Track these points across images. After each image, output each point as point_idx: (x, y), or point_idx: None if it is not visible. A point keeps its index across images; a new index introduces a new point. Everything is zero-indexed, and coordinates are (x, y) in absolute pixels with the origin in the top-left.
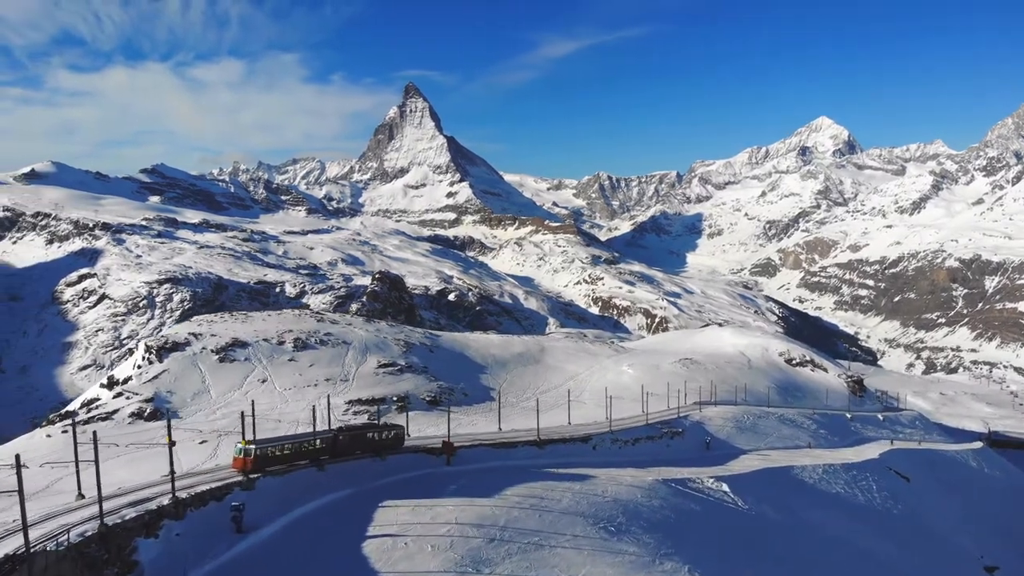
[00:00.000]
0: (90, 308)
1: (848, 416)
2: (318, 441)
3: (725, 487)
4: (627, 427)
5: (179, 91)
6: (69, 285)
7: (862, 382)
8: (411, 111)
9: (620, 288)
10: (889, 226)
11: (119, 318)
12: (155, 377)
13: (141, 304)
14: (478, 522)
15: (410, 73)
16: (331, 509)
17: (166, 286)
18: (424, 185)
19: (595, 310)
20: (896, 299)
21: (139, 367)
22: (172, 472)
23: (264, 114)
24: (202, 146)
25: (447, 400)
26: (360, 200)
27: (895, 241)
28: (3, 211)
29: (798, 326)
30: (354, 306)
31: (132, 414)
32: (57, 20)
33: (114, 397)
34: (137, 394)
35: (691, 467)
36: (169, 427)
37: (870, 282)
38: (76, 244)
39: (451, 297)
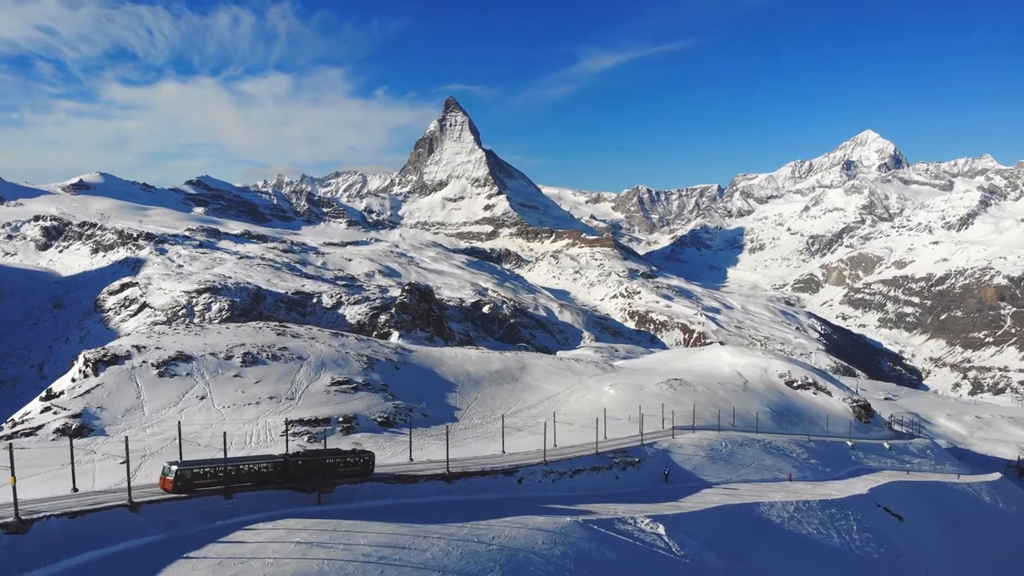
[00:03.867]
0: (131, 316)
1: (849, 444)
2: (264, 465)
3: (661, 529)
4: (570, 457)
5: (228, 105)
6: (111, 293)
7: (869, 407)
8: (451, 125)
9: (657, 303)
10: (936, 242)
11: (158, 327)
12: (87, 392)
13: (180, 313)
14: None
15: (452, 87)
16: (124, 557)
17: (205, 295)
18: (462, 198)
19: (631, 324)
20: (942, 317)
21: (74, 380)
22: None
23: (309, 127)
24: (248, 159)
25: (402, 421)
26: (399, 213)
27: (942, 258)
28: (51, 220)
29: (841, 344)
30: (383, 317)
31: (57, 430)
32: (110, 35)
33: (42, 412)
34: (66, 409)
35: (637, 503)
36: (72, 445)
37: (916, 299)
38: (120, 253)
39: (485, 309)
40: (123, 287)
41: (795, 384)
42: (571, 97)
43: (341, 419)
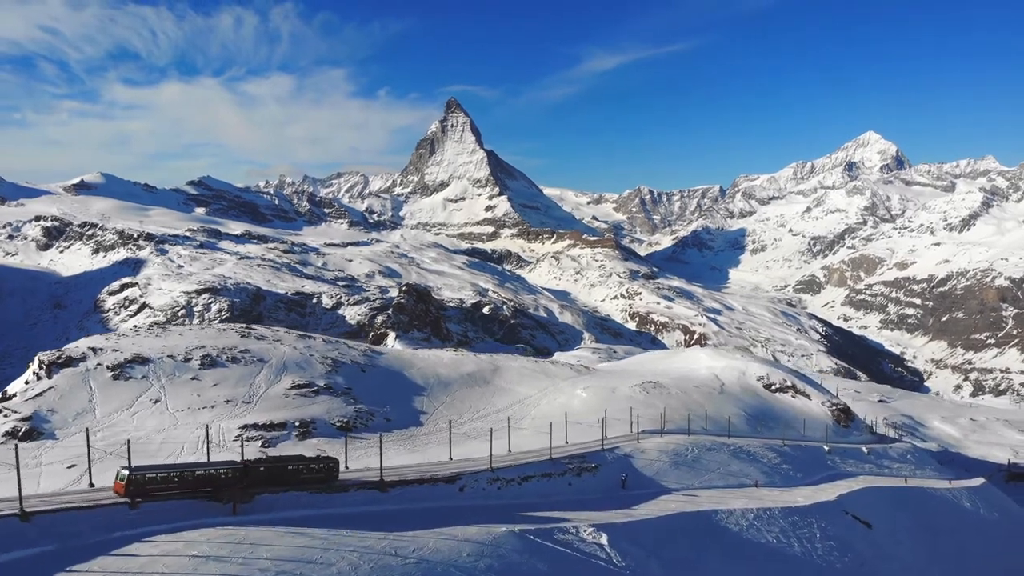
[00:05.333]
0: (131, 316)
1: (825, 448)
2: (223, 471)
3: (604, 538)
4: (521, 463)
5: (230, 105)
6: (111, 294)
7: (848, 410)
8: (452, 126)
9: (658, 304)
10: (937, 243)
11: (158, 327)
12: (40, 394)
13: (180, 313)
14: None
15: (454, 88)
16: (2, 570)
17: (205, 296)
18: (463, 199)
19: (632, 325)
20: (944, 318)
21: (27, 383)
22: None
23: (311, 128)
24: (250, 159)
25: (362, 426)
26: (401, 213)
27: (943, 259)
28: (52, 221)
29: (842, 345)
30: (380, 318)
31: (6, 433)
32: (113, 35)
33: None
34: (16, 412)
35: (586, 511)
36: (16, 450)
37: (917, 301)
38: (121, 254)
39: (485, 310)
40: (123, 287)
41: (773, 387)
42: (573, 98)
43: (298, 423)
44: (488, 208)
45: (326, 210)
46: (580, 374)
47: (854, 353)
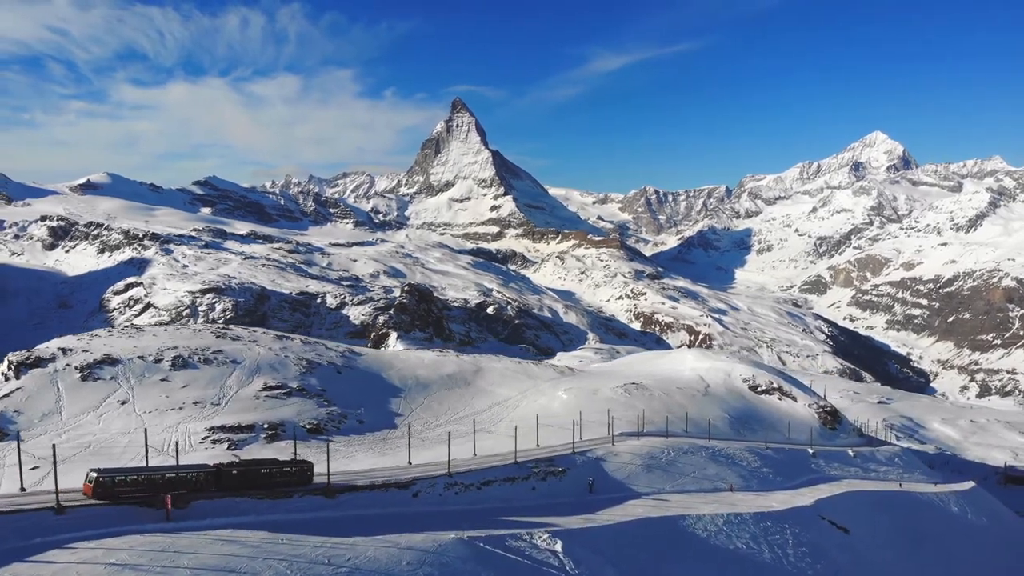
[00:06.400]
0: (135, 316)
1: (810, 451)
2: (195, 474)
3: (558, 545)
4: (482, 467)
5: (237, 106)
6: (116, 293)
7: (836, 412)
8: (457, 126)
9: (663, 304)
10: (944, 244)
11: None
12: (6, 395)
13: (184, 313)
14: None
15: (460, 88)
16: None
17: (209, 296)
18: (468, 199)
19: (637, 326)
20: (950, 319)
21: None
22: None
23: (318, 128)
24: (257, 160)
25: (334, 428)
26: (406, 213)
27: (950, 259)
28: (58, 220)
29: (848, 346)
30: (381, 318)
31: None
32: (121, 36)
33: None
34: None
35: (547, 516)
36: None
37: (923, 301)
38: (126, 254)
39: (490, 310)
40: (128, 287)
41: (759, 389)
42: (578, 98)
43: (266, 426)
44: (493, 208)
45: (332, 210)
46: (563, 375)
47: (860, 354)
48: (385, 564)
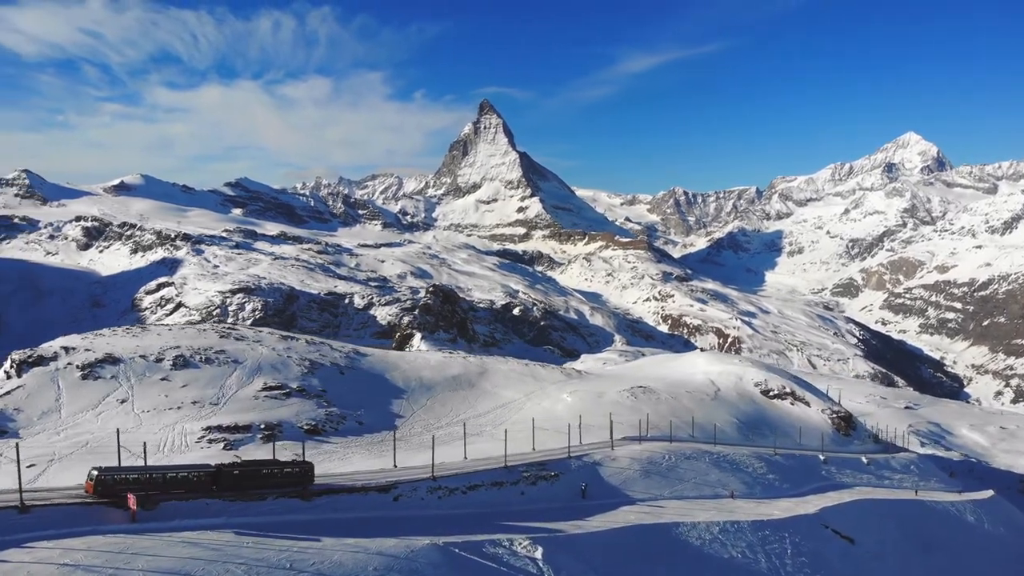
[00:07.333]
0: (167, 316)
1: (821, 458)
2: (195, 474)
3: (538, 552)
4: (469, 471)
5: (269, 108)
6: (148, 293)
7: (850, 418)
8: (485, 127)
9: (691, 306)
10: (979, 246)
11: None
12: (8, 393)
13: (215, 313)
14: None
15: (488, 90)
16: None
17: (239, 296)
18: (495, 200)
19: (664, 328)
20: (985, 323)
21: None
22: None
23: (348, 131)
24: (288, 162)
25: (331, 430)
26: (433, 215)
27: (985, 262)
28: (92, 221)
29: (880, 350)
30: (406, 319)
31: None
32: (155, 39)
33: None
34: None
35: (534, 522)
36: None
37: (958, 305)
38: (158, 254)
39: (515, 312)
40: (159, 287)
41: (771, 393)
42: (607, 99)
43: (263, 426)
44: (520, 209)
45: (360, 211)
46: (569, 378)
47: (892, 358)
48: (351, 569)
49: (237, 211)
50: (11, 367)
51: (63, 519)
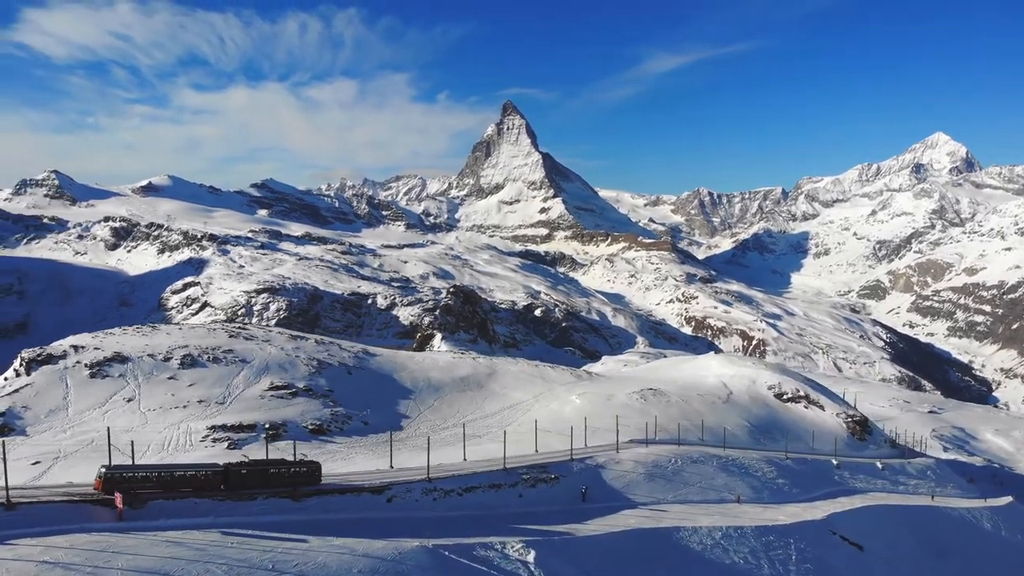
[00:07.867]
0: (193, 315)
1: (834, 463)
2: (203, 472)
3: (531, 556)
4: (466, 473)
5: (295, 110)
6: (174, 292)
7: (866, 422)
8: (508, 128)
9: (715, 308)
10: (1008, 248)
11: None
12: (16, 391)
13: (240, 312)
14: None
15: (512, 91)
16: None
17: (264, 295)
18: (518, 201)
19: (688, 330)
20: (1015, 326)
21: (6, 379)
22: None
23: (373, 132)
24: (314, 163)
25: (336, 430)
26: (456, 216)
27: (1015, 264)
28: (120, 221)
29: (907, 353)
30: (428, 319)
31: None
32: (183, 42)
33: None
34: None
35: (531, 525)
36: None
37: (987, 308)
38: (184, 254)
39: (537, 312)
40: (186, 286)
41: (785, 397)
42: (632, 99)
43: (268, 426)
44: (542, 210)
45: (384, 212)
46: (579, 380)
47: (919, 361)
48: (334, 571)
49: (263, 212)
50: (20, 365)
51: (50, 516)
